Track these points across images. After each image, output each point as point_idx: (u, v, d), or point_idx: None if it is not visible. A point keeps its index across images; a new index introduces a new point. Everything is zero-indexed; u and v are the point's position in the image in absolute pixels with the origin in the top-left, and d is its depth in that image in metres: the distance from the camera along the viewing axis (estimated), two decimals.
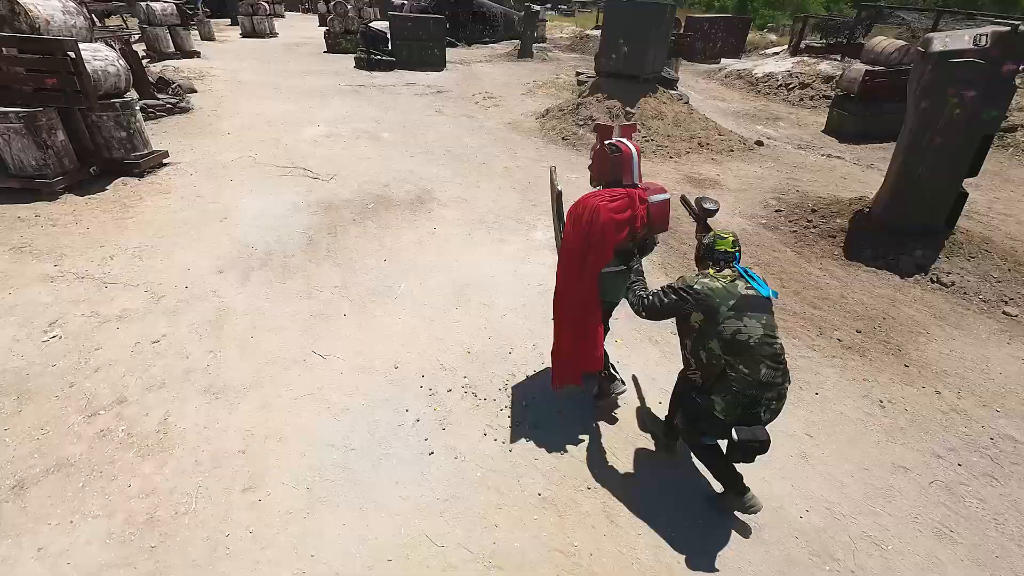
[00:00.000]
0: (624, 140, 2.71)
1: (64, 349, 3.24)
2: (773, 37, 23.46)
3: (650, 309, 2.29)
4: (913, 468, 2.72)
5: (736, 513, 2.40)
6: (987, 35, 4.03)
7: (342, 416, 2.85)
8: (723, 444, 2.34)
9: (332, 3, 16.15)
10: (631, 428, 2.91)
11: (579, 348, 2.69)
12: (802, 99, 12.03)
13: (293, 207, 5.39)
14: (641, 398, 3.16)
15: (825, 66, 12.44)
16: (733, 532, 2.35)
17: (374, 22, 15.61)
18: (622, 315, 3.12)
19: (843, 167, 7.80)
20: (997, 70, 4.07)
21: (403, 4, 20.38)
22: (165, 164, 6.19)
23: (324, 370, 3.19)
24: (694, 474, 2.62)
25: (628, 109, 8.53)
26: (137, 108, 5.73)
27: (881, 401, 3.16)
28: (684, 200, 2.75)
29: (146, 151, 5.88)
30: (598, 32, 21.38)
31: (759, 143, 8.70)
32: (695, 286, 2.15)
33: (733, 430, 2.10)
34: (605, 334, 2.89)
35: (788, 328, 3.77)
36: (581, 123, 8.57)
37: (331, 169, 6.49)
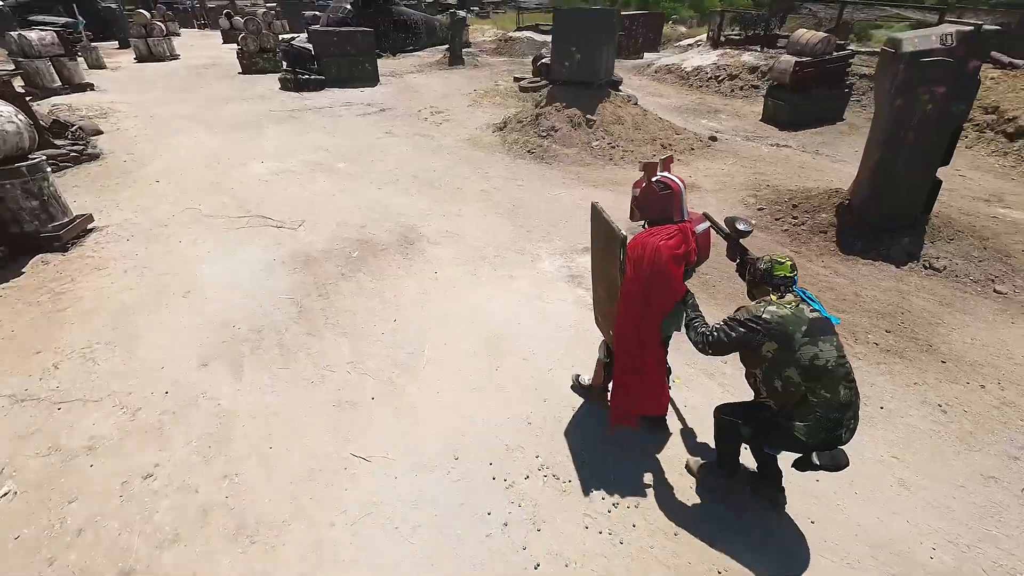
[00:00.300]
0: (670, 176, 2.51)
1: (26, 509, 2.49)
2: (683, 29, 24.59)
3: (716, 345, 2.17)
4: (1000, 476, 2.73)
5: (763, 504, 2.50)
6: (952, 35, 4.23)
7: (415, 537, 2.39)
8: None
9: (244, 19, 14.72)
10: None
11: (643, 392, 2.55)
12: (733, 90, 12.58)
13: (266, 267, 4.68)
14: (681, 419, 3.04)
15: (748, 57, 13.09)
16: None
17: (296, 39, 14.44)
18: (670, 350, 2.91)
19: (796, 156, 8.16)
20: (964, 67, 4.28)
21: (315, 15, 19.10)
22: (91, 230, 5.18)
23: (373, 477, 2.69)
24: (799, 531, 2.44)
25: (589, 116, 8.40)
26: (48, 169, 4.72)
27: (940, 405, 3.18)
28: (710, 220, 2.56)
29: (66, 219, 4.88)
30: (522, 34, 21.38)
31: (713, 138, 8.91)
32: (764, 315, 2.08)
33: (815, 455, 2.10)
34: (668, 375, 2.78)
35: None
36: (544, 134, 8.33)
37: (294, 214, 5.77)
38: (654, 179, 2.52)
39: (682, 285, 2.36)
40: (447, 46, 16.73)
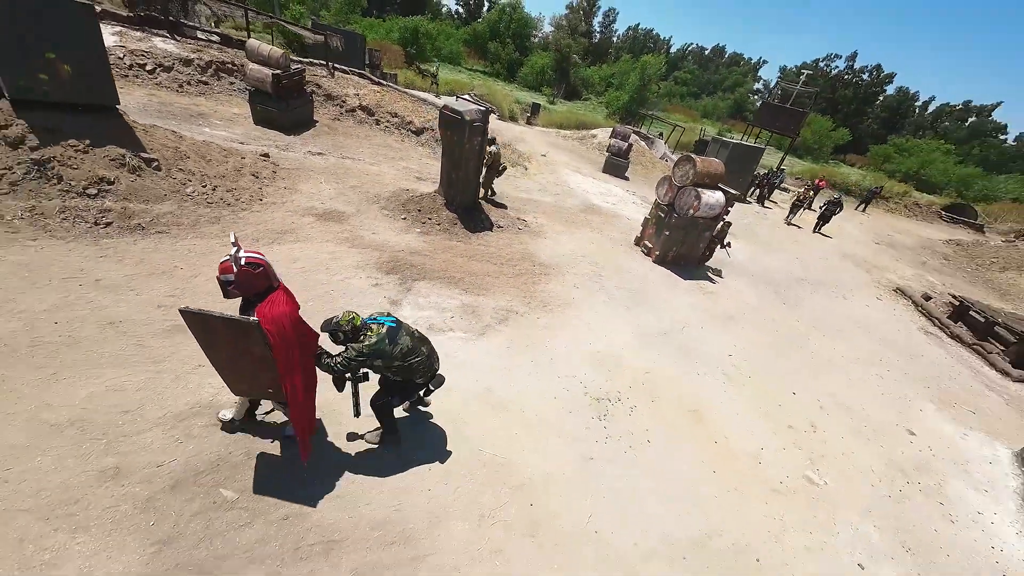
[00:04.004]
0: (250, 254, 2.65)
1: None
2: None
3: (344, 368, 2.97)
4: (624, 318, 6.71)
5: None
6: (480, 110, 7.04)
7: None
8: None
9: None
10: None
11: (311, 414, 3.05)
12: (182, 86, 10.44)
13: None
14: (357, 412, 3.30)
15: (166, 45, 10.73)
16: None
17: None
18: None
19: (346, 164, 9.14)
20: (485, 127, 7.30)
21: None
22: None
23: None
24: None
25: (144, 155, 5.71)
26: None
27: (576, 285, 6.84)
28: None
29: None
30: None
31: (265, 155, 8.23)
32: (364, 349, 2.96)
33: (430, 386, 3.39)
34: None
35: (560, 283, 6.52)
36: (91, 192, 5.07)
37: None
38: (243, 265, 2.60)
39: (313, 330, 2.89)
40: None
